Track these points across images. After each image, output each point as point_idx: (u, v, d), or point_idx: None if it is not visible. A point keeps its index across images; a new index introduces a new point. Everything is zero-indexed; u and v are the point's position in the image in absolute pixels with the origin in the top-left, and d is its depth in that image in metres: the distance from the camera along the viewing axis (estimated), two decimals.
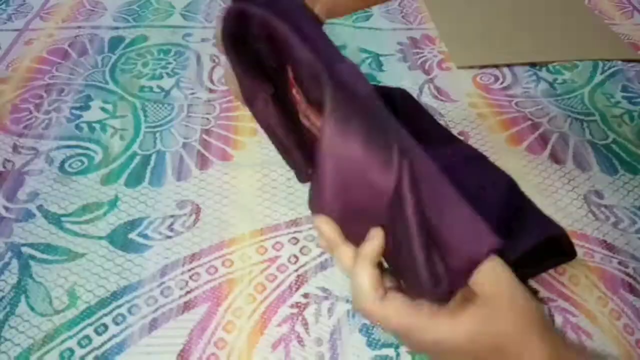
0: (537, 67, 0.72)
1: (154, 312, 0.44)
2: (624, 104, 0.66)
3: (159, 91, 0.68)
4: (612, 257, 0.48)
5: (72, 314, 0.44)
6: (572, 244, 0.47)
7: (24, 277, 0.47)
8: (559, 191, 0.55)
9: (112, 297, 0.45)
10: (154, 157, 0.58)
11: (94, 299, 0.45)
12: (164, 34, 0.79)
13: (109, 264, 0.48)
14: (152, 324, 0.44)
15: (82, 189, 0.55)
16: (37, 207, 0.53)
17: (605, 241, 0.50)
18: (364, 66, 0.73)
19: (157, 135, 0.61)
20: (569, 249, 0.47)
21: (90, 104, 0.66)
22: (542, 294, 0.45)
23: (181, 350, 0.42)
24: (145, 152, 0.59)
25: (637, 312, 0.44)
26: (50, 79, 0.70)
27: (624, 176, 0.56)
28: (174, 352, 0.42)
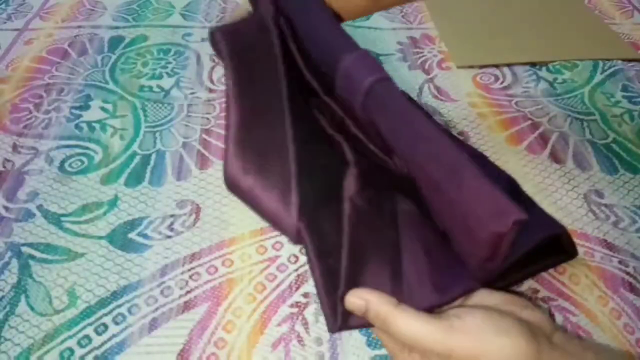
0: (537, 67, 0.72)
1: (154, 311, 0.44)
2: (624, 104, 0.66)
3: (159, 91, 0.68)
4: (613, 256, 0.48)
5: (72, 313, 0.44)
6: (574, 243, 0.47)
7: (24, 277, 0.47)
8: (558, 190, 0.55)
9: (112, 297, 0.45)
10: (153, 157, 0.58)
11: (93, 298, 0.45)
12: (163, 33, 0.79)
13: (108, 264, 0.48)
14: (152, 323, 0.44)
15: (82, 188, 0.55)
16: (37, 207, 0.53)
17: (605, 240, 0.50)
18: None
19: (157, 134, 0.61)
20: (570, 247, 0.47)
21: (90, 103, 0.66)
22: (542, 293, 0.45)
23: (181, 349, 0.42)
24: (145, 152, 0.59)
25: (638, 311, 0.44)
26: (50, 79, 0.70)
27: (624, 175, 0.56)
28: (174, 352, 0.42)
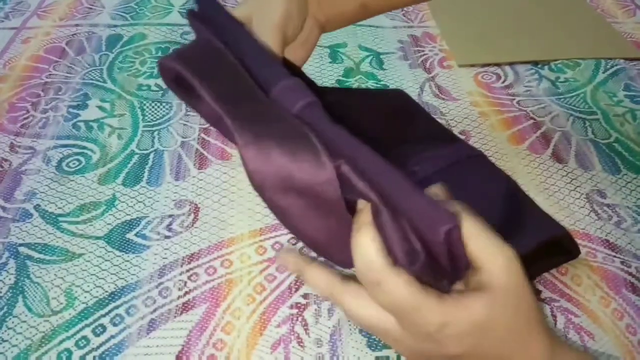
0: (539, 66, 0.72)
1: (152, 312, 0.44)
2: (627, 103, 0.66)
3: (157, 90, 0.68)
4: (615, 256, 0.48)
5: (69, 314, 0.44)
6: (575, 243, 0.47)
7: (22, 278, 0.46)
8: (561, 190, 0.54)
9: (109, 298, 0.45)
10: (152, 156, 0.58)
11: (91, 299, 0.45)
12: (162, 32, 0.79)
13: (106, 264, 0.47)
14: (151, 324, 0.43)
15: (80, 188, 0.54)
16: (35, 207, 0.52)
17: (607, 240, 0.49)
18: (365, 64, 0.72)
19: (155, 134, 0.61)
20: (572, 247, 0.47)
21: (87, 102, 0.65)
22: (544, 294, 0.45)
23: (179, 351, 0.41)
24: (143, 151, 0.59)
25: None
26: (47, 78, 0.69)
27: (626, 175, 0.56)
28: (173, 354, 0.41)
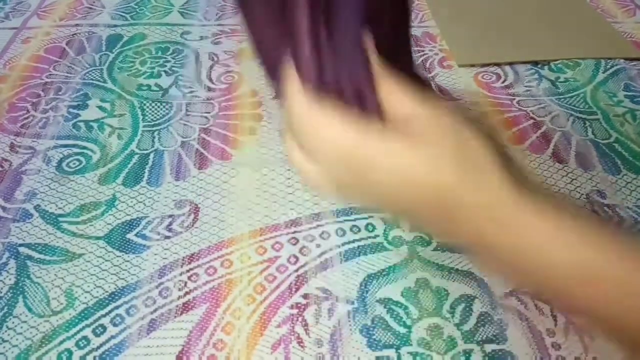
0: (539, 66, 0.72)
1: (152, 313, 0.44)
2: (627, 103, 0.66)
3: (157, 90, 0.68)
4: None
5: (69, 314, 0.44)
6: None
7: (22, 278, 0.46)
8: (561, 190, 0.54)
9: (110, 298, 0.45)
10: (152, 157, 0.58)
11: (91, 299, 0.45)
12: (162, 32, 0.79)
13: (106, 265, 0.47)
14: (151, 325, 0.43)
15: (80, 188, 0.54)
16: (35, 207, 0.52)
17: None
18: None
19: (155, 134, 0.61)
20: None
21: (87, 102, 0.65)
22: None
23: (180, 351, 0.41)
24: (143, 151, 0.59)
25: None
26: (47, 78, 0.69)
27: (626, 175, 0.56)
28: (173, 354, 0.41)
